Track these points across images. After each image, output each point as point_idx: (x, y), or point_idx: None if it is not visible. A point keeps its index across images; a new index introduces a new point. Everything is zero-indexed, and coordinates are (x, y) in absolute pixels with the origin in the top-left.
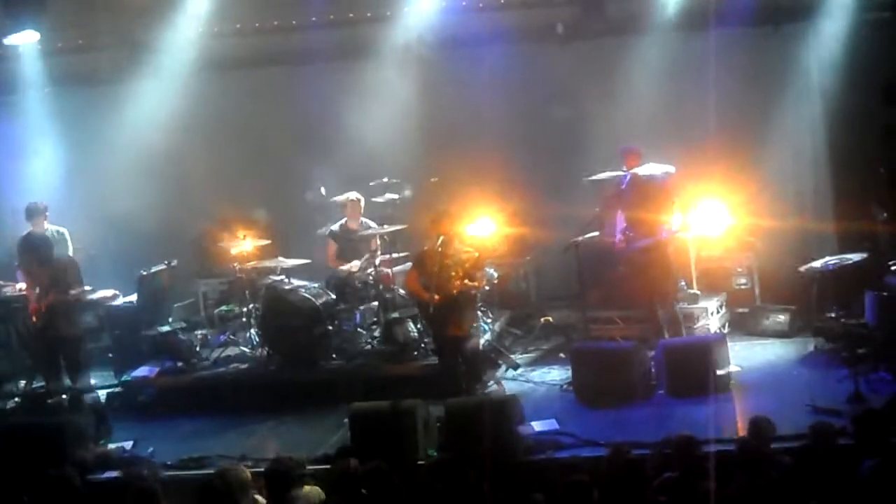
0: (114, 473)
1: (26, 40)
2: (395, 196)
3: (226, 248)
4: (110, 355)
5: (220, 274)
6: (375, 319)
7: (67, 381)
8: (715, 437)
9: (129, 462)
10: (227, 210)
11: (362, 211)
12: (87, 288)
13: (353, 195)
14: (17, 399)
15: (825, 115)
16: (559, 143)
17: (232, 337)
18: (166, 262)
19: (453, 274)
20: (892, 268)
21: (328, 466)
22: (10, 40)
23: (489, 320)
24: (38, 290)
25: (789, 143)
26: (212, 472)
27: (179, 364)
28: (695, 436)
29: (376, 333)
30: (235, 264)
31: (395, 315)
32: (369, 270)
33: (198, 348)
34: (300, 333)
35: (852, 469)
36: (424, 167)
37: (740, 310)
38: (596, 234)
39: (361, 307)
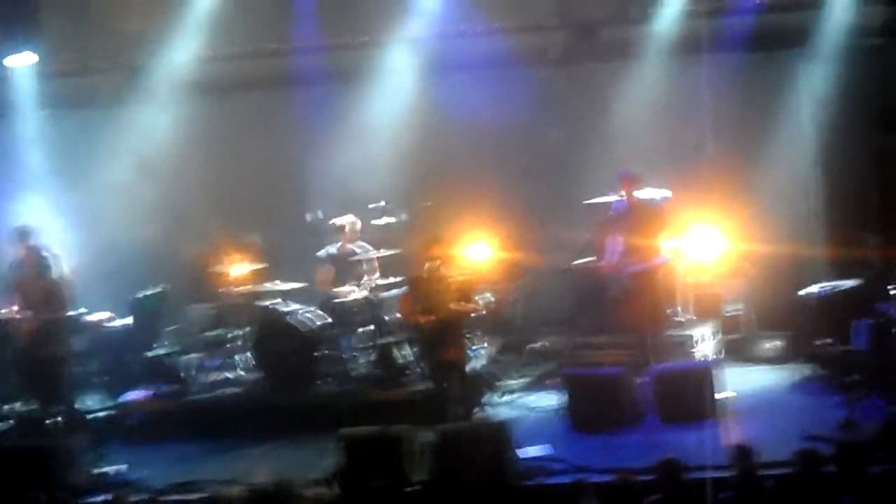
0: (105, 497)
1: (23, 62)
2: (390, 220)
3: (220, 271)
4: (103, 378)
5: (213, 298)
6: (369, 344)
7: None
8: (705, 463)
9: (121, 486)
10: (221, 234)
11: (357, 234)
12: (81, 310)
13: (348, 219)
14: (10, 421)
15: (818, 141)
16: (553, 168)
17: (225, 361)
18: (160, 285)
19: (446, 297)
20: (893, 292)
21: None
22: (6, 62)
23: (482, 345)
24: (28, 309)
25: (783, 168)
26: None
27: (172, 388)
28: (679, 459)
29: (370, 358)
30: (229, 288)
31: (389, 339)
32: (360, 295)
33: (191, 372)
34: (293, 357)
35: (836, 497)
36: (419, 191)
37: (733, 336)
38: (590, 259)
39: (355, 331)
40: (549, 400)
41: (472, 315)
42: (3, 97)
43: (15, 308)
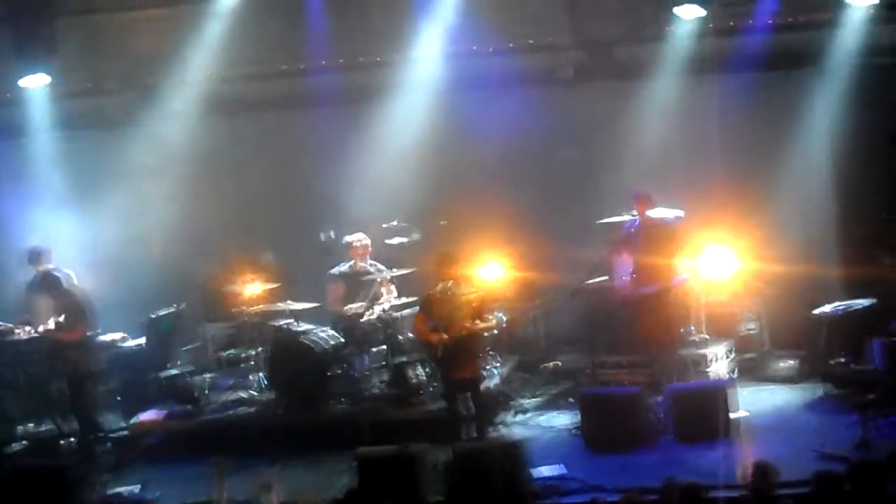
0: None
1: (36, 84)
2: (404, 239)
3: (234, 291)
4: (118, 398)
5: (227, 317)
6: (383, 363)
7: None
8: (722, 482)
9: None
10: (234, 253)
11: (369, 253)
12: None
13: (358, 237)
14: (24, 442)
15: (833, 161)
16: (568, 187)
17: (239, 380)
18: (174, 305)
19: (461, 315)
20: None
21: None
22: (21, 83)
23: (497, 364)
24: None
25: (797, 188)
26: None
27: (187, 407)
28: (700, 483)
29: (384, 377)
30: (243, 308)
31: (403, 359)
32: (374, 314)
33: (205, 392)
34: (307, 377)
35: None
36: (433, 210)
37: (748, 355)
38: (604, 278)
39: (369, 351)
40: (564, 419)
41: (487, 334)
42: (18, 118)
43: (29, 328)
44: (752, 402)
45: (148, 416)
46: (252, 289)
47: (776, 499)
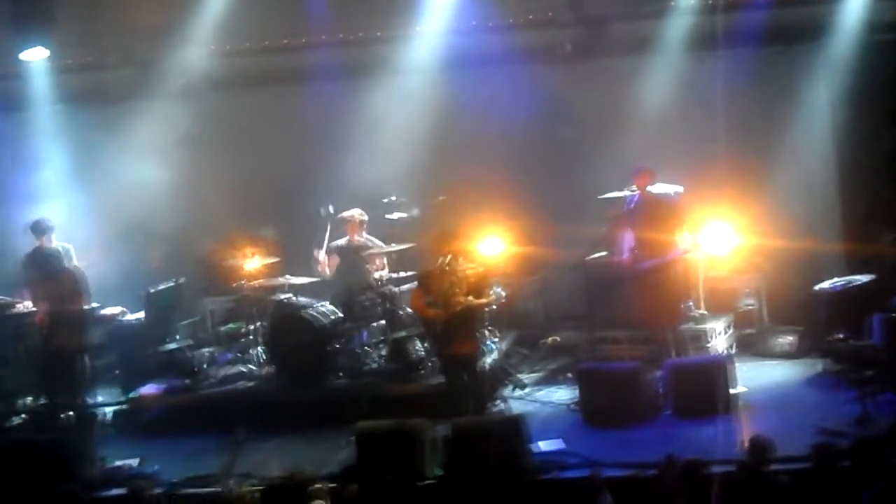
0: (119, 491)
1: (36, 57)
2: (403, 215)
3: (233, 265)
4: (117, 372)
5: (227, 292)
6: (382, 338)
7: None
8: (719, 458)
9: (134, 479)
10: (234, 228)
11: (363, 228)
12: (94, 305)
13: (352, 212)
14: (23, 416)
15: (833, 137)
16: (567, 163)
17: (238, 355)
18: (173, 279)
19: (458, 291)
20: None
21: (333, 485)
22: (21, 57)
23: (496, 339)
24: (42, 303)
25: (797, 164)
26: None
27: (185, 382)
28: (699, 458)
29: (383, 352)
30: (242, 282)
31: (402, 334)
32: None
33: (204, 366)
34: (306, 351)
35: (852, 492)
36: (432, 186)
37: (747, 330)
38: (604, 253)
39: (368, 326)
40: (562, 394)
41: (486, 309)
42: (18, 92)
43: (29, 302)
44: (751, 378)
45: (147, 390)
46: (252, 263)
47: (773, 473)
